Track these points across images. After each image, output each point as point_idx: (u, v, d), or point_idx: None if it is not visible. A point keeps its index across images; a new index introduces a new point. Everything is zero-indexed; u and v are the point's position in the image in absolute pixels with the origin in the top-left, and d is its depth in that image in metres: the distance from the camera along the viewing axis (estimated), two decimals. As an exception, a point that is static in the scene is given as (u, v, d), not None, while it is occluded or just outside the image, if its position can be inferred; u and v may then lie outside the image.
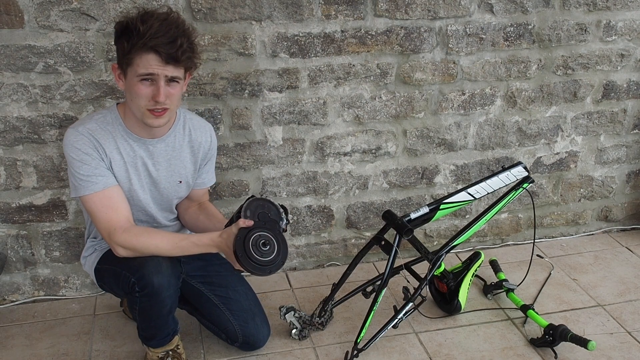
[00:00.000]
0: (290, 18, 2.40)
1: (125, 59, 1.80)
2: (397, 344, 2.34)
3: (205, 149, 2.14)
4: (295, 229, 2.77)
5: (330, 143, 2.65)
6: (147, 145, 1.99)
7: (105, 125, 1.93)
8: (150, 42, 1.74)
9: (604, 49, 2.80)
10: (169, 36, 1.75)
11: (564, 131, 2.92)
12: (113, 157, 1.93)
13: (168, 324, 2.07)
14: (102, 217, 1.91)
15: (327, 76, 2.53)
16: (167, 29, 1.76)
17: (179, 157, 2.07)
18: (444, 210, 2.31)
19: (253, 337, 2.23)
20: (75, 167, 1.89)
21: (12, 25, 2.19)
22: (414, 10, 2.51)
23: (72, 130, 1.90)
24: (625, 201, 3.18)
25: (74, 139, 1.88)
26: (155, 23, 1.75)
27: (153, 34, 1.73)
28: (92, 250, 2.15)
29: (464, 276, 2.50)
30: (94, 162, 1.89)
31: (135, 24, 1.74)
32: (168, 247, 1.92)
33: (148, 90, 1.81)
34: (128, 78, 1.83)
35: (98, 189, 1.90)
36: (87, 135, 1.89)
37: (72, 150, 1.88)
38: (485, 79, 2.71)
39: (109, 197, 1.92)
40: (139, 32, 1.73)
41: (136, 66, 1.78)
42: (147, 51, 1.75)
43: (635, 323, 2.46)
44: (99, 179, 1.90)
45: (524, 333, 2.41)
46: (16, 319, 2.50)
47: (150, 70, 1.78)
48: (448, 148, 2.80)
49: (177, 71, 1.82)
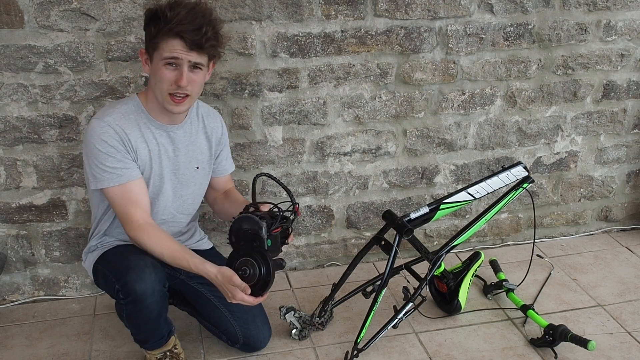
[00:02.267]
0: (290, 18, 2.40)
1: (152, 43, 1.88)
2: (397, 344, 2.34)
3: (218, 135, 2.20)
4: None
5: (330, 143, 2.65)
6: (169, 132, 2.04)
7: (129, 114, 1.97)
8: (176, 27, 1.81)
9: (604, 48, 2.80)
10: (195, 23, 1.82)
11: (564, 131, 2.92)
12: (138, 147, 1.97)
13: (160, 327, 2.06)
14: (121, 210, 1.96)
15: (327, 76, 2.53)
16: (194, 17, 1.83)
17: (196, 143, 2.13)
18: (444, 210, 2.31)
19: (253, 338, 2.23)
20: (101, 159, 1.92)
21: (12, 25, 2.19)
22: (414, 10, 2.51)
23: (97, 122, 1.93)
24: (625, 201, 3.18)
25: (100, 130, 1.91)
26: (182, 10, 1.82)
27: (179, 21, 1.81)
28: (94, 247, 2.15)
29: (464, 276, 2.50)
30: (120, 155, 1.93)
31: (164, 11, 1.83)
32: (169, 259, 1.95)
33: (172, 74, 1.87)
34: (154, 62, 1.90)
35: (123, 182, 1.94)
36: (114, 126, 1.92)
37: (99, 142, 1.91)
38: (485, 78, 2.71)
39: (130, 190, 1.96)
40: (166, 18, 1.81)
41: (161, 50, 1.85)
42: (172, 36, 1.83)
43: (635, 323, 2.46)
44: (124, 171, 1.94)
45: (524, 333, 2.41)
46: (16, 319, 2.50)
47: (175, 54, 1.84)
48: (448, 148, 2.80)
49: (201, 58, 1.89)
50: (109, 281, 1.98)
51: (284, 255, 2.82)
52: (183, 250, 1.97)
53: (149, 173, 2.03)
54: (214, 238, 2.61)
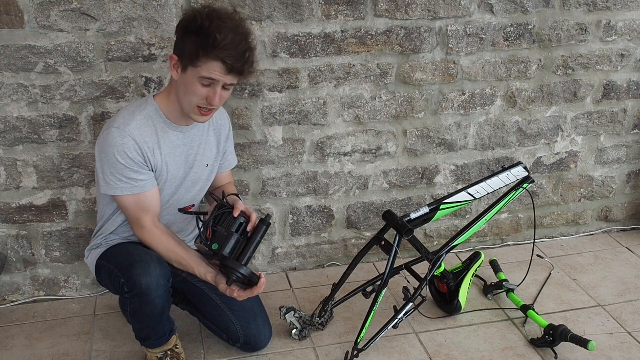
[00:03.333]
0: (290, 18, 2.40)
1: (190, 58, 1.83)
2: (397, 344, 2.34)
3: (225, 131, 2.23)
4: (295, 229, 2.77)
5: (330, 143, 2.65)
6: (185, 133, 2.07)
7: (147, 120, 1.97)
8: (221, 53, 1.79)
9: (604, 48, 2.80)
10: (239, 50, 1.81)
11: (564, 131, 2.92)
12: (155, 154, 1.99)
13: (162, 324, 2.07)
14: (132, 215, 2.00)
15: (327, 76, 2.53)
16: (239, 42, 1.82)
17: (207, 140, 2.15)
18: (444, 210, 2.31)
19: (254, 337, 2.23)
20: (119, 169, 1.93)
21: (12, 25, 2.19)
22: (414, 10, 2.51)
23: (117, 132, 1.91)
24: (625, 201, 3.18)
25: (121, 141, 1.91)
26: (229, 35, 1.79)
27: (225, 46, 1.79)
28: (98, 244, 2.15)
29: (464, 276, 2.50)
30: (138, 166, 1.95)
31: (211, 31, 1.78)
32: (175, 264, 2.02)
33: (204, 91, 1.87)
34: (187, 74, 1.87)
35: (136, 192, 1.96)
36: (135, 137, 1.92)
37: (120, 154, 1.91)
38: (485, 78, 2.71)
39: (144, 200, 1.99)
40: (214, 40, 1.78)
41: (200, 68, 1.83)
42: (214, 58, 1.80)
43: (635, 323, 2.46)
44: (139, 182, 1.96)
45: (524, 333, 2.41)
46: (16, 319, 2.50)
47: (213, 76, 1.84)
48: (448, 148, 2.80)
49: (235, 79, 1.90)
50: (113, 276, 1.99)
51: (284, 256, 2.82)
52: (189, 257, 2.01)
53: (165, 177, 2.05)
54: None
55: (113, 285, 2.03)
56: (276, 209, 2.71)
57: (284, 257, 2.83)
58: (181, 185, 2.12)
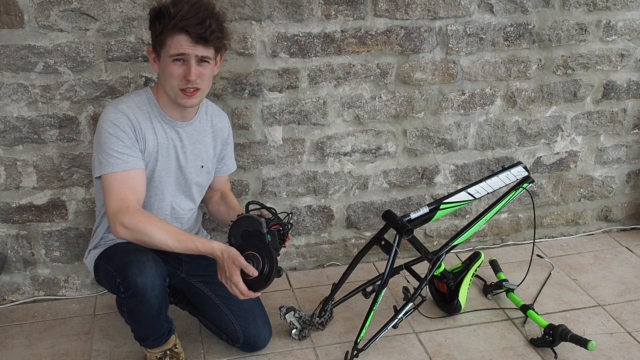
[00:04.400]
0: (290, 18, 2.40)
1: (158, 41, 1.90)
2: (397, 344, 2.34)
3: (224, 136, 2.23)
4: (295, 229, 2.77)
5: (330, 143, 2.65)
6: (177, 129, 2.06)
7: (142, 105, 2.00)
8: (180, 23, 1.83)
9: (604, 48, 2.80)
10: (198, 17, 1.84)
11: (564, 131, 2.92)
12: (147, 138, 1.99)
13: (160, 324, 2.06)
14: (118, 195, 1.91)
15: (327, 76, 2.53)
16: (197, 11, 1.85)
17: (203, 141, 2.14)
18: (444, 210, 2.31)
19: (254, 337, 2.23)
20: (110, 143, 1.92)
21: (12, 25, 2.19)
22: (414, 10, 2.51)
23: (111, 108, 1.95)
24: (625, 201, 3.18)
25: (113, 115, 1.93)
26: (185, 6, 1.84)
27: (183, 16, 1.83)
28: (96, 244, 2.14)
29: (464, 276, 2.50)
30: (129, 142, 1.94)
31: (167, 7, 1.85)
32: (172, 242, 1.90)
33: (180, 70, 1.90)
34: (162, 60, 1.92)
35: (127, 168, 1.94)
36: (128, 114, 1.95)
37: (110, 126, 1.93)
38: (485, 79, 2.71)
39: (133, 177, 1.96)
40: (170, 14, 1.84)
41: (168, 47, 1.87)
42: (178, 32, 1.85)
43: (635, 323, 2.46)
44: (129, 158, 1.94)
45: (524, 333, 2.41)
46: (16, 319, 2.50)
47: (181, 50, 1.86)
48: (448, 148, 2.80)
49: (207, 51, 1.91)
50: (110, 276, 1.98)
51: (284, 256, 2.82)
52: (185, 232, 2.00)
53: (154, 165, 2.04)
54: (214, 238, 2.61)
55: (110, 286, 2.02)
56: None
57: (284, 257, 2.83)
58: (173, 181, 2.10)
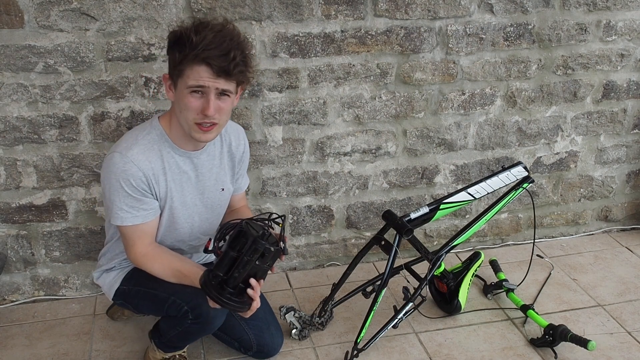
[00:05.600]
0: (290, 18, 2.40)
1: (176, 70, 1.76)
2: (397, 344, 2.34)
3: (240, 153, 2.13)
4: (295, 229, 2.77)
5: (330, 143, 2.65)
6: (192, 159, 1.96)
7: (152, 144, 1.88)
8: (202, 53, 1.69)
9: (604, 48, 2.80)
10: (222, 48, 1.71)
11: (564, 131, 2.92)
12: (159, 181, 1.90)
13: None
14: (128, 240, 1.94)
15: (327, 76, 2.53)
16: (221, 41, 1.71)
17: (220, 165, 2.05)
18: (444, 210, 2.31)
19: (267, 346, 2.22)
20: (121, 197, 1.85)
21: (12, 25, 2.19)
22: (414, 10, 2.51)
23: (119, 156, 1.83)
24: (625, 201, 3.18)
25: (122, 167, 1.82)
26: (209, 34, 1.70)
27: (206, 46, 1.69)
28: (112, 264, 2.12)
29: (464, 276, 2.50)
30: (140, 194, 1.87)
31: (189, 34, 1.70)
32: (175, 280, 1.93)
33: (198, 102, 1.77)
34: (178, 89, 1.79)
35: (137, 222, 1.89)
36: (138, 162, 1.83)
37: (123, 180, 1.82)
38: (485, 79, 2.71)
39: (142, 229, 1.92)
40: (191, 43, 1.69)
41: (187, 78, 1.74)
42: (198, 63, 1.71)
43: (635, 323, 2.46)
44: (140, 212, 1.89)
45: (524, 333, 2.41)
46: (16, 319, 2.50)
47: (201, 83, 1.73)
48: (448, 148, 2.80)
49: (229, 85, 1.78)
50: (167, 301, 1.94)
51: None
52: (189, 271, 1.92)
53: (171, 204, 1.96)
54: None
55: (161, 310, 1.98)
56: (276, 209, 2.71)
57: (284, 257, 2.82)
58: (195, 213, 2.04)
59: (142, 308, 2.11)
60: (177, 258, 1.98)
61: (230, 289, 1.77)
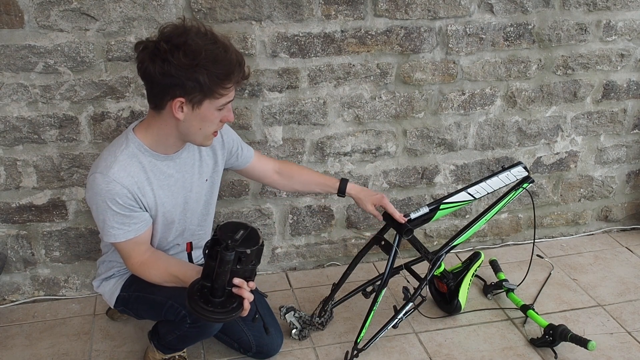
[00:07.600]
0: (290, 18, 2.40)
1: (207, 90, 1.74)
2: (397, 344, 2.34)
3: (220, 142, 2.12)
4: (295, 229, 2.77)
5: (330, 143, 2.65)
6: (175, 160, 1.96)
7: (131, 158, 1.86)
8: (234, 77, 1.76)
9: (604, 49, 2.80)
10: (237, 62, 1.77)
11: (564, 131, 2.92)
12: (146, 193, 1.89)
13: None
14: (124, 255, 1.94)
15: (327, 76, 2.53)
16: (235, 56, 1.76)
17: (200, 157, 2.07)
18: (444, 210, 2.31)
19: (267, 347, 2.23)
20: (110, 215, 1.84)
21: (12, 25, 2.19)
22: (414, 10, 2.51)
23: (100, 177, 1.81)
24: (625, 201, 3.18)
25: (106, 187, 1.80)
26: (232, 56, 1.75)
27: (230, 61, 1.74)
28: (110, 272, 2.13)
29: (464, 276, 2.50)
30: (127, 210, 1.86)
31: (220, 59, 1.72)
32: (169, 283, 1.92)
33: (219, 115, 1.84)
34: (204, 108, 1.78)
35: (129, 237, 1.89)
36: (120, 180, 1.81)
37: (110, 200, 1.81)
38: (485, 79, 2.71)
39: (136, 242, 1.92)
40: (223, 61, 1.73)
41: (219, 97, 1.77)
42: (227, 80, 1.75)
43: (635, 323, 2.46)
44: (131, 226, 1.88)
45: (524, 333, 2.41)
46: (16, 319, 2.50)
47: (231, 97, 1.81)
48: (448, 148, 2.80)
49: None
50: (164, 306, 1.96)
51: (284, 256, 2.82)
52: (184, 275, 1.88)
53: (163, 210, 1.96)
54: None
55: (160, 314, 2.00)
56: (276, 209, 2.71)
57: (284, 257, 2.83)
58: (186, 210, 2.05)
59: (142, 313, 2.11)
60: (173, 262, 1.97)
61: (217, 299, 1.72)
